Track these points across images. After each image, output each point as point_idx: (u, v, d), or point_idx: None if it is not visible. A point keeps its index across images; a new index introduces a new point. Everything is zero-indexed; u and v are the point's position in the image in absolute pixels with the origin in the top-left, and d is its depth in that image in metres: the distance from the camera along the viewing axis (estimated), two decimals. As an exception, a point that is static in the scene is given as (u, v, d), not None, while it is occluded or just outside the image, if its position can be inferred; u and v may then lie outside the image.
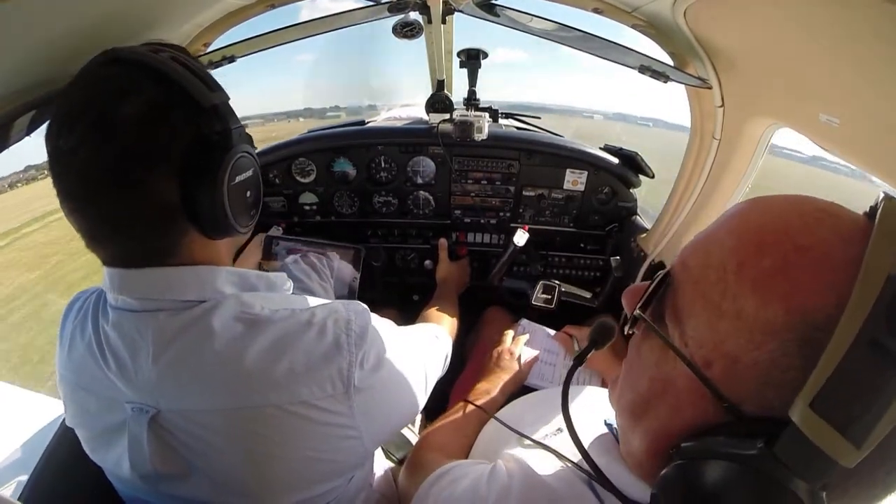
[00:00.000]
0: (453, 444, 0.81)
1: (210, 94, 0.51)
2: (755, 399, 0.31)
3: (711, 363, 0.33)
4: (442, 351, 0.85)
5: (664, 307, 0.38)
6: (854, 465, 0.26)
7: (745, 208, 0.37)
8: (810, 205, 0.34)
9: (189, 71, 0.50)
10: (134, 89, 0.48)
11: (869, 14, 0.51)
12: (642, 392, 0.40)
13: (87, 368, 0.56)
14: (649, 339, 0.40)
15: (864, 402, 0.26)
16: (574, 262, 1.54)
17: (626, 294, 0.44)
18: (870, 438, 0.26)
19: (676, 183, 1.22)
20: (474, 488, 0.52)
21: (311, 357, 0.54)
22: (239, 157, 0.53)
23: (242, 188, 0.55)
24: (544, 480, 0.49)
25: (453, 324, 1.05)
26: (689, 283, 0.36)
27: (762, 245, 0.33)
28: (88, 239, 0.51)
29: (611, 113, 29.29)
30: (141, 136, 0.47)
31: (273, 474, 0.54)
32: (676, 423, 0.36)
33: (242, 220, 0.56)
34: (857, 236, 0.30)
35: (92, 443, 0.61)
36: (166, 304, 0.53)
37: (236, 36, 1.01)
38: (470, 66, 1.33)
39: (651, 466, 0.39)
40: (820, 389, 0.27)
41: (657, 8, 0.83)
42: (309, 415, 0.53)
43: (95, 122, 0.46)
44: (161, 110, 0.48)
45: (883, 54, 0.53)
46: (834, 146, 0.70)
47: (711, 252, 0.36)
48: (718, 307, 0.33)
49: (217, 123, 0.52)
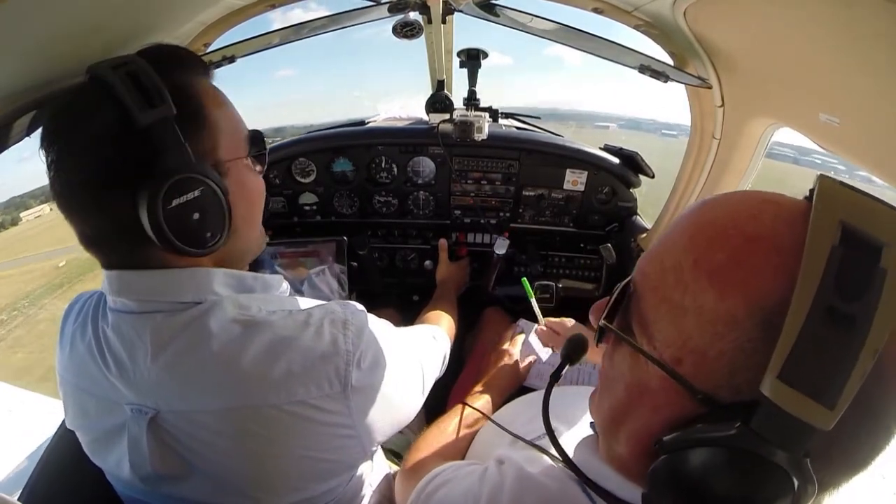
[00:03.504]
0: (449, 447, 0.81)
1: (148, 113, 0.47)
2: (726, 387, 0.33)
3: (681, 360, 0.35)
4: (440, 351, 0.85)
5: (630, 317, 0.40)
6: (831, 426, 0.27)
7: (694, 209, 0.39)
8: (755, 197, 0.36)
9: (136, 86, 0.48)
10: (91, 112, 0.49)
11: (869, 14, 0.51)
12: (620, 398, 0.41)
13: (87, 370, 0.56)
14: (620, 348, 0.42)
15: (829, 365, 0.28)
16: (574, 262, 1.53)
17: (593, 309, 0.45)
18: (841, 399, 0.27)
19: (676, 183, 1.23)
20: (467, 489, 0.52)
21: (308, 357, 0.54)
22: (178, 179, 0.49)
23: (185, 210, 0.50)
24: (537, 479, 0.49)
25: (452, 324, 1.05)
26: (649, 290, 0.38)
27: (713, 240, 0.34)
28: (84, 244, 0.53)
29: (628, 119, 26.83)
30: (96, 160, 0.49)
31: (272, 474, 0.54)
32: (657, 422, 0.37)
33: (193, 242, 0.51)
34: (799, 219, 0.32)
35: (92, 445, 0.61)
36: (164, 306, 0.53)
37: (237, 36, 1.01)
38: (470, 66, 1.33)
39: (637, 467, 0.40)
40: (785, 361, 0.28)
41: (657, 8, 0.83)
42: (306, 414, 0.53)
43: (63, 145, 0.49)
44: (106, 133, 0.48)
45: (883, 54, 0.53)
46: (834, 146, 0.70)
47: (666, 256, 0.37)
48: (680, 306, 0.35)
49: (158, 143, 0.48)
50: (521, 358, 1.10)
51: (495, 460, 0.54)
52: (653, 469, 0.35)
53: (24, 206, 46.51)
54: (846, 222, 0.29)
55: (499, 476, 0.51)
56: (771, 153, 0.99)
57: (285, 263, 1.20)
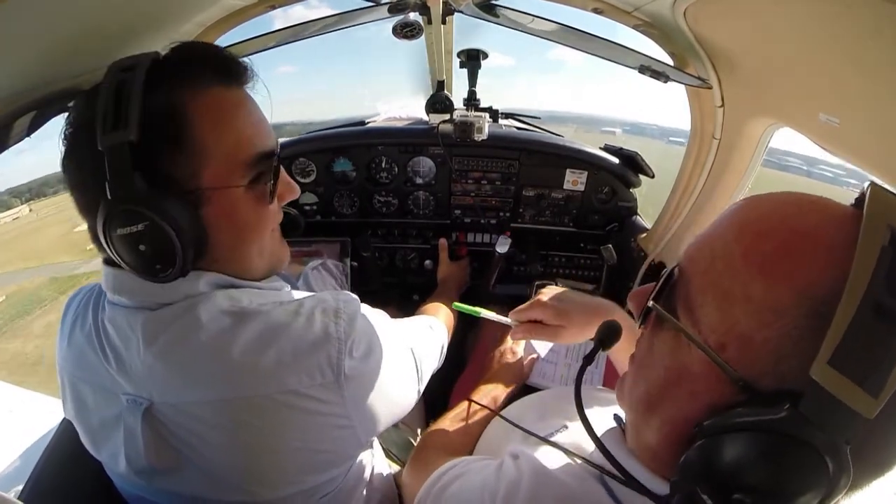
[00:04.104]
0: (457, 442, 0.81)
1: (109, 136, 0.46)
2: (770, 375, 0.34)
3: (725, 346, 0.36)
4: (437, 341, 0.84)
5: (675, 300, 0.41)
6: (874, 415, 0.29)
7: (741, 205, 0.40)
8: (805, 199, 0.37)
9: (115, 101, 0.47)
10: (87, 123, 0.49)
11: (869, 14, 0.51)
12: (657, 382, 0.41)
13: (86, 361, 0.57)
14: (662, 332, 0.42)
15: (875, 355, 0.30)
16: (574, 262, 1.53)
17: (633, 295, 0.46)
18: (885, 388, 0.29)
19: (676, 183, 1.22)
20: (483, 483, 0.51)
21: (298, 346, 0.53)
22: (115, 211, 0.47)
23: (130, 241, 0.48)
24: (555, 475, 0.48)
25: (450, 316, 1.04)
26: (697, 275, 0.39)
27: (762, 233, 0.36)
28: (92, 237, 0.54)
29: (632, 124, 25.32)
30: (84, 174, 0.52)
31: (265, 466, 0.54)
32: (694, 409, 0.37)
33: (144, 271, 0.50)
34: (847, 221, 0.34)
35: (90, 436, 0.61)
36: (153, 305, 0.54)
37: (237, 36, 1.01)
38: (470, 66, 1.33)
39: (668, 455, 0.40)
40: (836, 349, 0.30)
41: (657, 8, 0.83)
42: (299, 404, 0.53)
43: (66, 151, 0.52)
44: (85, 147, 0.49)
45: (883, 54, 0.53)
46: (834, 146, 0.70)
47: (715, 245, 0.39)
48: (728, 293, 0.36)
49: (111, 167, 0.47)
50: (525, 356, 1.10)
51: (510, 454, 0.54)
52: (688, 454, 0.35)
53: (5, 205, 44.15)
54: (894, 226, 0.31)
55: (515, 471, 0.50)
56: (785, 165, 0.98)
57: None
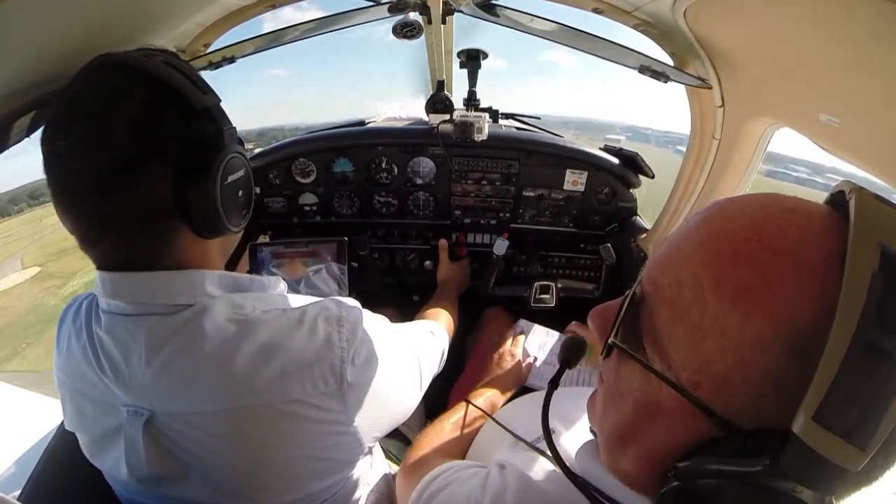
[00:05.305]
0: (451, 445, 0.81)
1: (202, 97, 0.52)
2: (749, 413, 0.30)
3: (699, 384, 0.32)
4: (438, 346, 0.85)
5: (640, 329, 0.36)
6: (861, 467, 0.26)
7: (711, 214, 0.35)
8: (777, 205, 0.33)
9: (181, 74, 0.51)
10: (127, 92, 0.49)
11: (869, 14, 0.51)
12: (628, 416, 0.37)
13: (82, 373, 0.56)
14: (629, 362, 0.37)
15: (865, 405, 0.26)
16: (574, 263, 1.53)
17: (594, 315, 0.41)
18: (873, 440, 0.26)
19: (676, 183, 1.22)
20: (469, 493, 0.52)
21: (302, 355, 0.54)
22: (231, 157, 0.54)
23: (234, 188, 0.55)
24: (539, 486, 0.48)
25: (451, 321, 1.05)
26: (663, 306, 0.34)
27: (736, 256, 0.31)
28: (81, 240, 0.52)
29: (636, 130, 23.95)
30: (134, 138, 0.48)
31: (269, 474, 0.54)
32: (670, 445, 0.34)
33: (234, 219, 0.56)
34: (828, 231, 0.30)
35: (91, 447, 0.61)
36: (157, 308, 0.53)
37: (237, 36, 1.00)
38: (470, 66, 1.33)
39: (647, 482, 0.38)
40: (822, 401, 0.26)
41: (657, 8, 0.83)
42: (303, 413, 0.53)
43: (90, 125, 0.48)
44: (154, 112, 0.49)
45: (883, 54, 0.53)
46: (834, 146, 0.70)
47: (682, 268, 0.34)
48: (699, 327, 0.32)
49: (209, 124, 0.53)
50: (523, 358, 1.10)
51: (497, 464, 0.54)
52: (664, 492, 0.33)
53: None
54: (885, 246, 0.27)
55: (501, 482, 0.50)
56: (800, 179, 0.96)
57: (284, 263, 1.20)
